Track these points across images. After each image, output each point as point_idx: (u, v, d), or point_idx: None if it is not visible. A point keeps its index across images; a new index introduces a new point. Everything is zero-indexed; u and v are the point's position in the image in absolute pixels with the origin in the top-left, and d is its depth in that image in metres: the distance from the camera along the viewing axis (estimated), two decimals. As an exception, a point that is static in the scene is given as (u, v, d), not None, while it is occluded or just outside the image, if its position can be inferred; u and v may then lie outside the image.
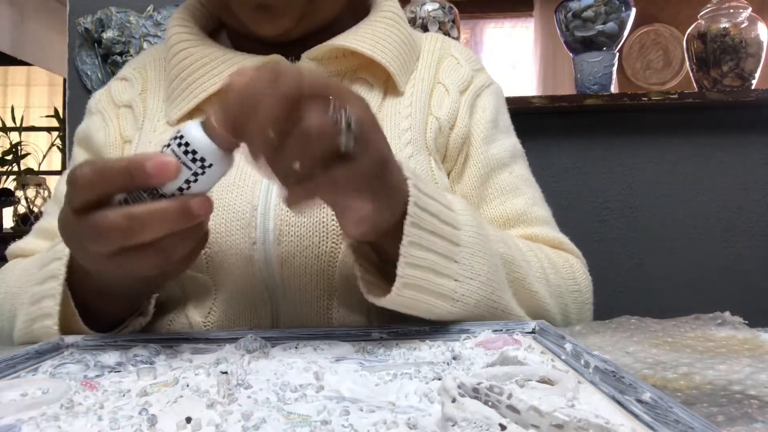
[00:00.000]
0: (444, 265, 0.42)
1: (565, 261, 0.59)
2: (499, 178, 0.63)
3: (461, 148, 0.62)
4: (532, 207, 0.63)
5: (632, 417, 0.24)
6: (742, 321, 0.45)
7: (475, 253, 0.44)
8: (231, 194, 0.53)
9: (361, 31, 0.60)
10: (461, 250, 0.44)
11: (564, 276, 0.57)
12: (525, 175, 0.66)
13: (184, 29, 0.62)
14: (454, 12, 1.48)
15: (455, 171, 0.63)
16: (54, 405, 0.27)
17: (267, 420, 0.25)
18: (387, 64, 0.59)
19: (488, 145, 0.63)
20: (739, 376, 0.31)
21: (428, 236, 0.41)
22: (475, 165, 0.62)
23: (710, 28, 1.43)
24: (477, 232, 0.45)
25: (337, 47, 0.59)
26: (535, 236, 0.61)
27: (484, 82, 0.67)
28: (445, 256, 0.42)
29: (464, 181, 0.62)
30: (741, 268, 1.47)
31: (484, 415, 0.22)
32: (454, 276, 0.43)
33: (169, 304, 0.57)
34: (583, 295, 0.59)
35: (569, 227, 0.68)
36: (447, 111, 0.62)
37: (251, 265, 0.52)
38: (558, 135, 1.50)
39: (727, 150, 1.48)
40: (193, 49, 0.61)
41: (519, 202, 0.62)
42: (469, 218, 0.46)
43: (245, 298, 0.54)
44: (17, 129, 3.82)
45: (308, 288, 0.53)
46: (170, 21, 0.64)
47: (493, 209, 0.62)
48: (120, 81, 0.68)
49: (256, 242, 0.52)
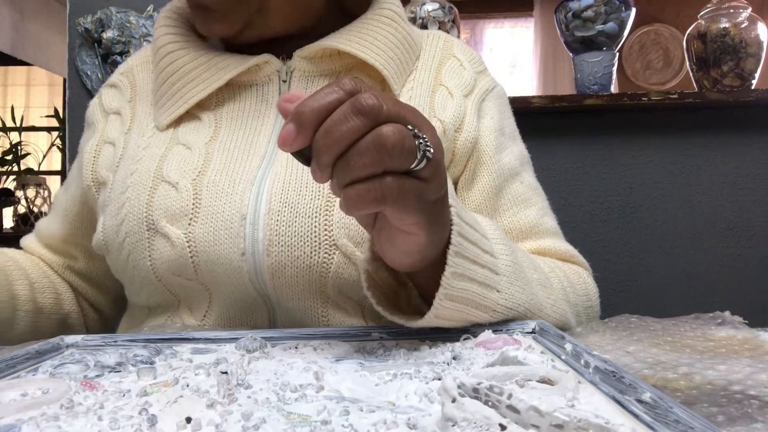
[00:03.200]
0: (484, 294, 0.41)
1: (579, 276, 0.59)
2: (512, 188, 0.62)
3: (470, 153, 0.61)
4: (542, 218, 0.63)
5: (632, 417, 0.24)
6: (742, 321, 0.45)
7: (513, 282, 0.43)
8: (219, 201, 0.52)
9: (356, 31, 0.59)
10: (501, 279, 0.42)
11: (579, 293, 0.58)
12: (534, 183, 0.66)
13: (171, 29, 0.61)
14: (454, 12, 1.48)
15: (464, 178, 0.61)
16: (54, 405, 0.27)
17: (267, 420, 0.25)
18: (380, 66, 0.58)
19: (500, 154, 0.62)
20: (739, 376, 0.31)
21: (470, 265, 0.40)
22: (488, 175, 0.61)
23: (710, 28, 1.43)
24: (512, 261, 0.45)
25: (328, 47, 0.58)
26: (547, 249, 0.61)
27: (488, 86, 0.65)
28: (486, 285, 0.41)
29: (476, 191, 0.61)
30: (741, 268, 1.47)
31: (484, 415, 0.22)
32: (493, 307, 0.42)
33: (163, 307, 0.56)
34: (594, 309, 0.60)
35: (569, 227, 0.68)
36: (452, 114, 0.60)
37: (240, 275, 0.51)
38: (558, 135, 1.50)
39: (727, 150, 1.48)
40: (181, 51, 0.59)
41: (531, 214, 0.62)
42: (504, 247, 0.45)
43: (240, 303, 0.53)
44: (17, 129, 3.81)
45: (302, 297, 0.52)
46: (157, 21, 0.63)
47: (507, 221, 0.61)
48: (110, 88, 0.68)
49: (245, 252, 0.50)
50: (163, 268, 0.52)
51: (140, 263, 0.53)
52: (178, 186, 0.53)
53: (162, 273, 0.53)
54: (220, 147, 0.56)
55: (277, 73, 0.60)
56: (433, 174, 0.35)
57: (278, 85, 0.60)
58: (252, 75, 0.59)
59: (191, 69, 0.58)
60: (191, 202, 0.52)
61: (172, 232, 0.52)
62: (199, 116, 0.59)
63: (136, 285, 0.56)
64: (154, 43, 0.62)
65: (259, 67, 0.59)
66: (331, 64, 0.60)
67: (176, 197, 0.53)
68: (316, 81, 0.60)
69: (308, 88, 0.59)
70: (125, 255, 0.54)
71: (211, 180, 0.53)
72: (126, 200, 0.55)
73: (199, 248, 0.51)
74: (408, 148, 0.32)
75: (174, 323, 0.55)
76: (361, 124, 0.31)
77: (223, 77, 0.57)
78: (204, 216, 0.52)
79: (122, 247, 0.55)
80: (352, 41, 0.58)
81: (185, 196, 0.53)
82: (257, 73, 0.59)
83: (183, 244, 0.51)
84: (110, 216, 0.56)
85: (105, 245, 0.57)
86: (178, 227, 0.52)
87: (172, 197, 0.53)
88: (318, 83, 0.59)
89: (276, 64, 0.59)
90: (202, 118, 0.59)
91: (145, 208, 0.53)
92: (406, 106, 0.34)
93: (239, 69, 0.57)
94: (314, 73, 0.60)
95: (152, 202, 0.53)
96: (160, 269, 0.53)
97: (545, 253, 0.61)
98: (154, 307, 0.57)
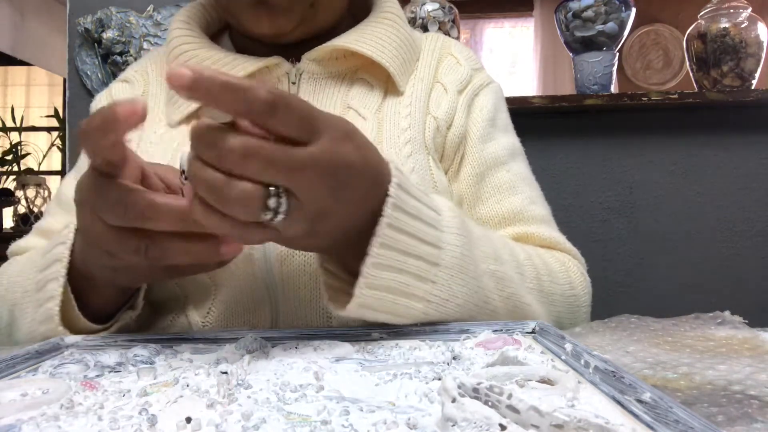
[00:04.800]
0: (414, 285, 0.41)
1: (562, 265, 0.58)
2: (496, 176, 0.63)
3: (458, 148, 0.62)
4: (529, 205, 0.62)
5: (632, 417, 0.24)
6: (742, 320, 0.45)
7: (454, 274, 0.43)
8: None
9: (361, 32, 0.61)
10: (439, 270, 0.42)
11: (560, 282, 0.56)
12: (524, 173, 0.65)
13: (186, 32, 0.63)
14: (454, 12, 1.48)
15: (452, 170, 0.63)
16: (54, 405, 0.27)
17: (267, 420, 0.25)
18: (387, 64, 0.60)
19: (484, 144, 0.63)
20: (739, 376, 0.31)
21: (399, 255, 0.40)
22: (470, 163, 0.62)
23: (710, 28, 1.43)
24: (462, 252, 0.44)
25: (337, 48, 0.59)
26: (530, 235, 0.60)
27: (482, 82, 0.67)
28: (417, 276, 0.41)
29: (460, 180, 0.62)
30: (741, 268, 1.47)
31: (484, 415, 0.22)
32: (427, 297, 0.42)
33: (170, 304, 0.57)
34: (579, 299, 0.58)
35: (569, 227, 0.68)
36: (445, 110, 0.62)
37: (251, 264, 0.52)
38: (558, 135, 1.50)
39: (727, 150, 1.48)
40: (195, 51, 0.61)
41: (516, 200, 0.62)
42: (455, 237, 0.44)
43: (244, 298, 0.54)
44: (17, 129, 3.81)
45: (308, 286, 0.53)
46: (172, 23, 0.65)
47: (489, 208, 0.62)
48: (122, 83, 0.69)
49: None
50: None
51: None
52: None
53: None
54: None
55: (287, 75, 0.61)
56: (287, 230, 0.35)
57: (287, 87, 0.61)
58: (262, 77, 0.60)
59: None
60: None
61: None
62: None
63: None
64: (168, 44, 0.64)
65: (269, 69, 0.60)
66: (338, 65, 0.61)
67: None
68: (324, 83, 0.61)
69: (317, 90, 0.61)
70: None
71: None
72: None
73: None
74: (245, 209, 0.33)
75: (176, 324, 0.55)
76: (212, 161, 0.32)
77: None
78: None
79: None
80: (360, 41, 0.59)
81: None
82: (267, 75, 0.60)
83: None
84: None
85: None
86: None
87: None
88: (326, 85, 0.61)
89: (285, 67, 0.60)
90: None
91: None
92: (292, 163, 0.33)
93: (250, 69, 0.58)
94: (323, 75, 0.61)
95: None
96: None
97: (527, 238, 0.60)
98: (159, 304, 0.57)
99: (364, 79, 0.62)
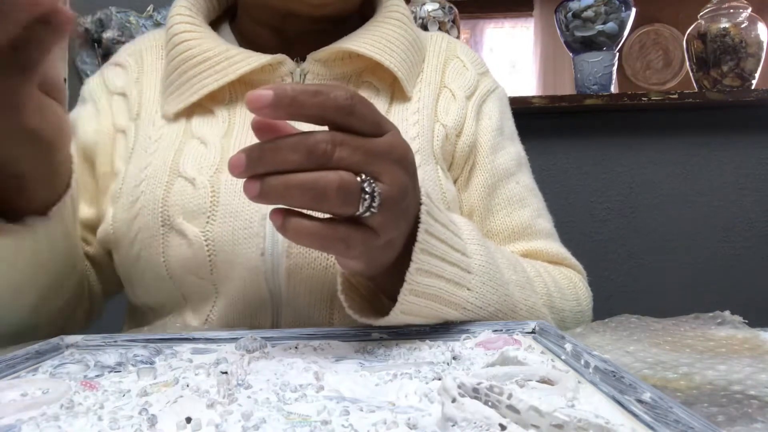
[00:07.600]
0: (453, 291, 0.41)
1: (569, 281, 0.59)
2: (507, 188, 0.62)
3: (468, 157, 0.61)
4: (536, 219, 0.63)
5: (632, 417, 0.24)
6: (742, 321, 0.45)
7: (485, 281, 0.44)
8: (238, 200, 0.52)
9: (367, 33, 0.59)
10: (472, 277, 0.43)
11: (568, 298, 0.57)
12: (530, 184, 0.66)
13: (187, 18, 0.60)
14: (454, 12, 1.48)
15: (461, 179, 0.62)
16: (54, 405, 0.27)
17: (267, 420, 0.25)
18: (395, 69, 0.58)
19: (495, 154, 0.62)
20: (739, 376, 0.31)
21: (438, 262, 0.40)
22: (482, 174, 0.62)
23: (710, 28, 1.43)
24: (487, 261, 0.45)
25: (343, 50, 0.58)
26: (537, 251, 0.61)
27: (489, 87, 0.66)
28: (455, 282, 0.41)
29: (471, 191, 0.62)
30: (741, 268, 1.47)
31: (484, 415, 0.22)
32: (464, 305, 0.42)
33: (168, 307, 0.56)
34: (584, 314, 0.59)
35: (569, 227, 0.68)
36: (454, 118, 0.61)
37: (257, 275, 0.51)
38: (558, 135, 1.50)
39: (727, 150, 1.48)
40: (196, 41, 0.58)
41: (524, 214, 0.62)
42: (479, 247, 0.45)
43: (246, 305, 0.53)
44: (17, 129, 3.81)
45: (312, 296, 0.52)
46: (172, 9, 0.62)
47: (500, 221, 0.62)
48: (114, 67, 0.65)
49: (264, 253, 0.51)
50: (177, 265, 0.52)
51: (152, 260, 0.53)
52: (195, 182, 0.53)
53: (175, 271, 0.52)
54: (235, 144, 0.55)
55: (291, 75, 0.59)
56: (382, 224, 0.35)
57: None
58: (266, 75, 0.58)
59: (205, 59, 0.57)
60: (209, 200, 0.52)
61: (189, 230, 0.51)
62: (212, 110, 0.58)
63: (144, 282, 0.55)
64: (168, 31, 0.61)
65: (273, 67, 0.58)
66: (344, 67, 0.59)
67: (193, 194, 0.52)
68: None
69: None
70: (136, 251, 0.54)
71: (229, 178, 0.52)
72: (140, 194, 0.54)
73: (217, 248, 0.51)
74: (346, 198, 0.33)
75: (174, 323, 0.55)
76: (300, 160, 0.32)
77: (236, 71, 0.56)
78: (222, 215, 0.51)
79: (134, 243, 0.54)
80: (366, 43, 0.58)
81: (203, 193, 0.52)
82: (271, 73, 0.58)
83: (201, 242, 0.51)
84: (122, 209, 0.55)
85: (114, 239, 0.56)
86: (196, 225, 0.52)
87: (188, 194, 0.53)
88: None
89: (290, 66, 0.58)
90: (216, 113, 0.58)
91: (160, 203, 0.53)
92: (375, 150, 0.34)
93: (253, 65, 0.56)
94: (327, 76, 0.59)
95: (168, 198, 0.53)
96: (173, 267, 0.52)
97: (536, 255, 0.61)
98: (158, 307, 0.57)
99: (369, 82, 0.60)
